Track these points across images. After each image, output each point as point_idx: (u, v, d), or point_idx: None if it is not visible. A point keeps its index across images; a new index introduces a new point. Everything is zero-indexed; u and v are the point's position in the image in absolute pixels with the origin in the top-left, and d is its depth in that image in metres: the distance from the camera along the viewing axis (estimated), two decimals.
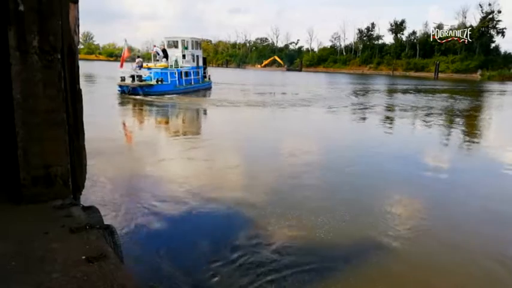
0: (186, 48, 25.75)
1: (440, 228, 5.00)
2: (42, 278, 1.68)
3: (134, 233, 4.49)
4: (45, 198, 2.42)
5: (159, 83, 22.02)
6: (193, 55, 26.41)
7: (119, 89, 21.87)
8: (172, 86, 22.77)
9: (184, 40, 25.99)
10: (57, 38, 2.36)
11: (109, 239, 2.25)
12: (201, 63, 27.64)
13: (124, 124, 13.70)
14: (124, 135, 11.50)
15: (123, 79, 21.81)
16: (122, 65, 22.06)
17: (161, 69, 22.87)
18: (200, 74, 27.34)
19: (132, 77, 21.71)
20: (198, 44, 27.68)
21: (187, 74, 25.07)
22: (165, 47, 25.61)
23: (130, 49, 25.29)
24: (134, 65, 23.18)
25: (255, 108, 18.48)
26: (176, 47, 25.82)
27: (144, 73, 22.26)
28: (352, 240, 4.55)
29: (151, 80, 21.85)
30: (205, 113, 17.32)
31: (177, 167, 7.71)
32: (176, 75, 23.35)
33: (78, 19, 2.57)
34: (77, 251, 1.89)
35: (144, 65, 23.60)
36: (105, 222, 2.48)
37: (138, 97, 20.46)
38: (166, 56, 24.41)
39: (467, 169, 8.51)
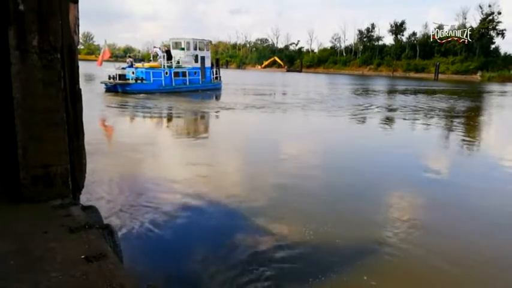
0: (183, 49, 26.39)
1: (441, 232, 5.01)
2: (41, 277, 1.68)
3: (134, 233, 4.49)
4: (44, 197, 2.43)
5: (139, 81, 23.00)
6: (195, 56, 26.69)
7: (105, 86, 23.13)
8: (155, 85, 23.41)
9: (184, 41, 26.60)
10: (57, 37, 2.36)
11: (108, 238, 2.25)
12: (208, 64, 27.79)
13: None
14: None
15: (110, 77, 23.06)
16: (100, 63, 23.14)
17: (146, 68, 23.76)
18: (206, 75, 27.51)
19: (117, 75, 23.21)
20: (205, 44, 28.04)
21: (184, 74, 25.47)
22: (171, 48, 26.46)
23: (111, 50, 26.91)
24: (122, 64, 24.33)
25: (247, 111, 18.33)
26: (180, 48, 26.70)
27: (133, 72, 23.34)
28: (353, 242, 4.55)
29: (129, 79, 22.94)
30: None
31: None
32: (163, 75, 23.89)
33: (78, 19, 2.57)
34: (76, 251, 1.89)
35: (135, 64, 24.81)
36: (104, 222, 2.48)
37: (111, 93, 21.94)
38: (170, 56, 25.14)
39: (469, 170, 8.51)
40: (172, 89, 24.29)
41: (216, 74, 29.09)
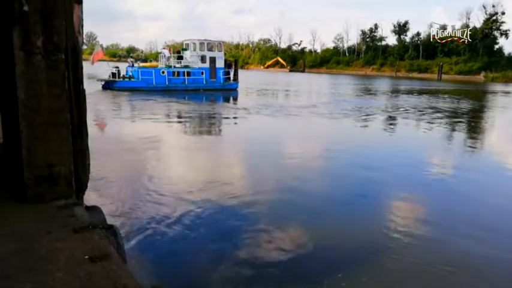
0: (185, 49, 27.76)
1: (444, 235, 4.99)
2: (45, 277, 1.68)
3: (137, 233, 4.50)
4: (48, 197, 2.43)
5: (126, 79, 25.08)
6: (202, 56, 27.26)
7: (102, 84, 25.22)
8: (144, 83, 24.97)
9: (191, 42, 27.85)
10: (61, 38, 2.36)
11: (112, 239, 2.25)
12: (220, 65, 28.24)
13: None
14: None
15: (110, 75, 25.25)
16: (93, 63, 24.47)
17: (138, 67, 25.71)
18: (217, 76, 27.94)
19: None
20: (215, 45, 28.66)
21: (184, 73, 26.29)
22: (182, 49, 28.38)
23: (104, 51, 29.35)
24: (118, 63, 27.02)
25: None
26: (187, 49, 28.03)
27: (131, 71, 25.56)
28: (355, 245, 4.55)
29: (115, 76, 25.07)
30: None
31: None
32: (154, 74, 25.30)
33: (82, 19, 2.57)
34: (79, 251, 1.89)
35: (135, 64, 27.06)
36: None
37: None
38: (180, 57, 27.06)
39: (473, 171, 8.47)
40: (165, 87, 25.28)
41: (229, 74, 29.50)
